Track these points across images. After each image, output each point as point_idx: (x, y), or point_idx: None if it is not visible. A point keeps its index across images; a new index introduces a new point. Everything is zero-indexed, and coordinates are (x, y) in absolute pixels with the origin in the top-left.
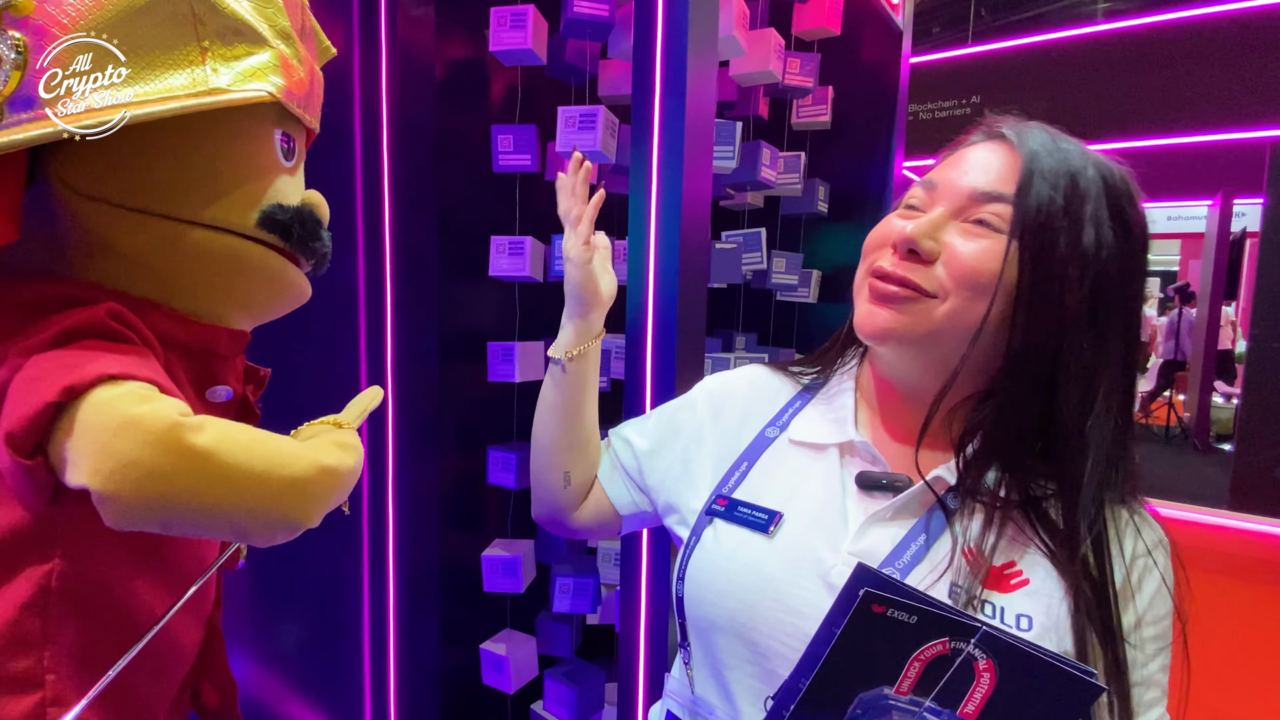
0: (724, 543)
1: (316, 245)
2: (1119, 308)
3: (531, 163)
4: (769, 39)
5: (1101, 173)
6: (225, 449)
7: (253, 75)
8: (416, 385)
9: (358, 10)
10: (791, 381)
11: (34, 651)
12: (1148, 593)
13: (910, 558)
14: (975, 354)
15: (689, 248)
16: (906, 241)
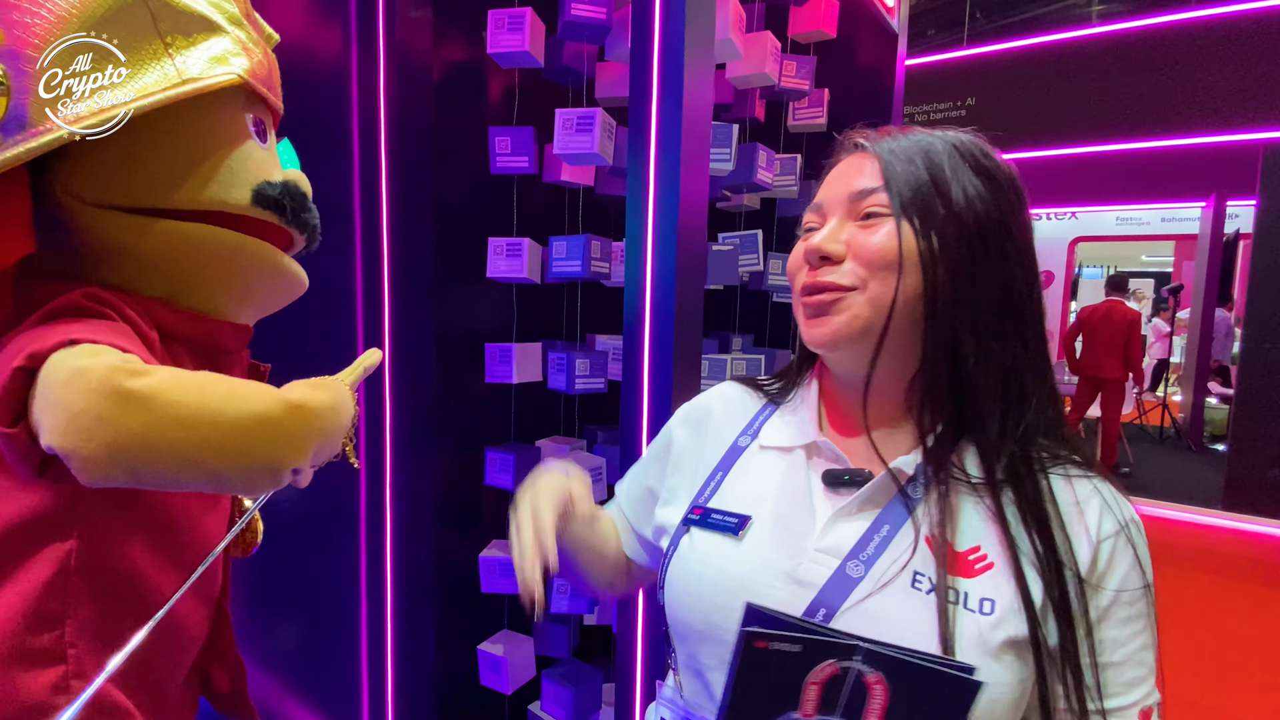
0: (698, 549)
1: (307, 216)
2: (1006, 247)
3: (529, 164)
4: (765, 42)
5: (949, 140)
6: (168, 389)
7: (218, 61)
8: (414, 386)
9: (355, 12)
10: (760, 395)
11: (56, 627)
12: (1120, 572)
13: (874, 549)
14: (907, 330)
15: (686, 249)
16: (815, 251)
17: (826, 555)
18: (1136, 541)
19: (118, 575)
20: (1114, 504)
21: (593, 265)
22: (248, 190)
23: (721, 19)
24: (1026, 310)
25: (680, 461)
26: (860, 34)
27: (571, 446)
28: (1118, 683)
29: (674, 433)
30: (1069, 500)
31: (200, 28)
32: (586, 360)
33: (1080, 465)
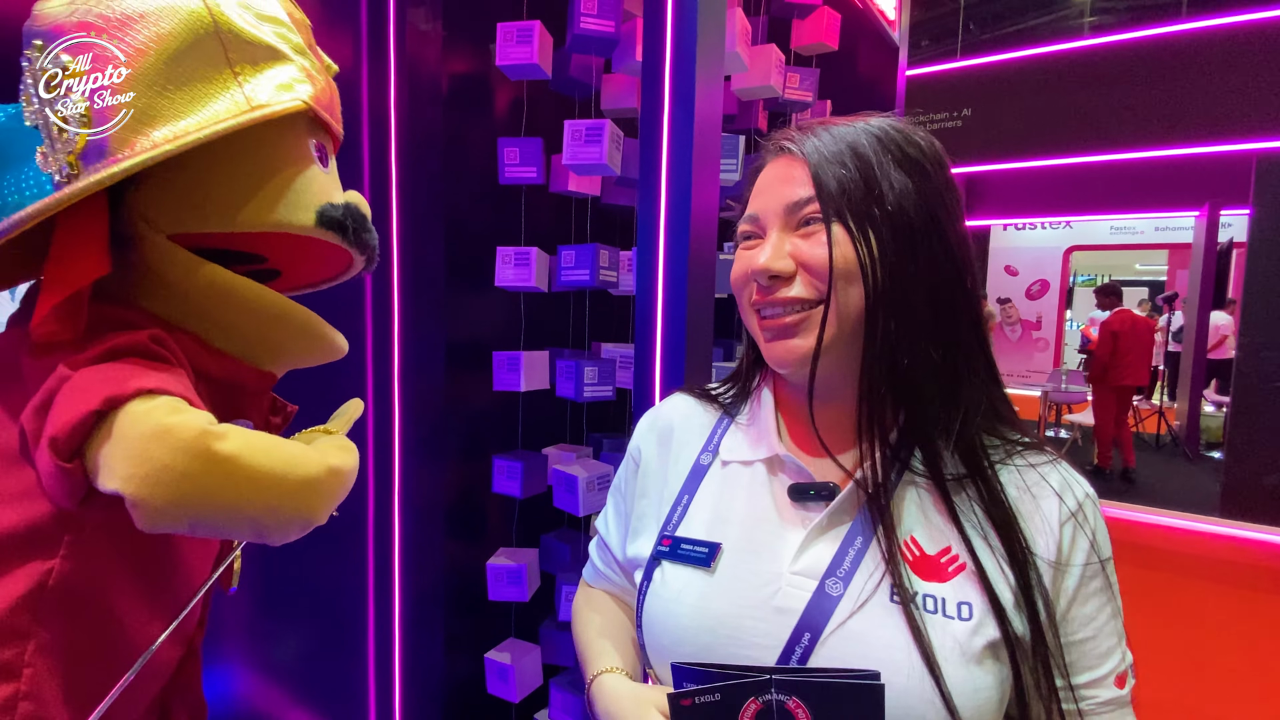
0: (670, 585)
1: (367, 237)
2: (936, 242)
3: (537, 175)
4: (770, 55)
5: (874, 134)
6: (247, 453)
7: (285, 88)
8: (423, 394)
9: (366, 25)
10: (715, 406)
11: (19, 644)
12: (1082, 550)
13: (850, 564)
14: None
15: (697, 258)
16: (763, 273)
17: (803, 578)
18: (1093, 517)
19: (91, 600)
20: (1070, 484)
21: (601, 274)
22: (312, 212)
23: (729, 32)
24: (959, 304)
25: (645, 483)
26: (861, 46)
27: (578, 454)
28: (1093, 655)
29: (641, 450)
30: (1025, 488)
31: (267, 57)
32: (595, 368)
33: (1033, 449)
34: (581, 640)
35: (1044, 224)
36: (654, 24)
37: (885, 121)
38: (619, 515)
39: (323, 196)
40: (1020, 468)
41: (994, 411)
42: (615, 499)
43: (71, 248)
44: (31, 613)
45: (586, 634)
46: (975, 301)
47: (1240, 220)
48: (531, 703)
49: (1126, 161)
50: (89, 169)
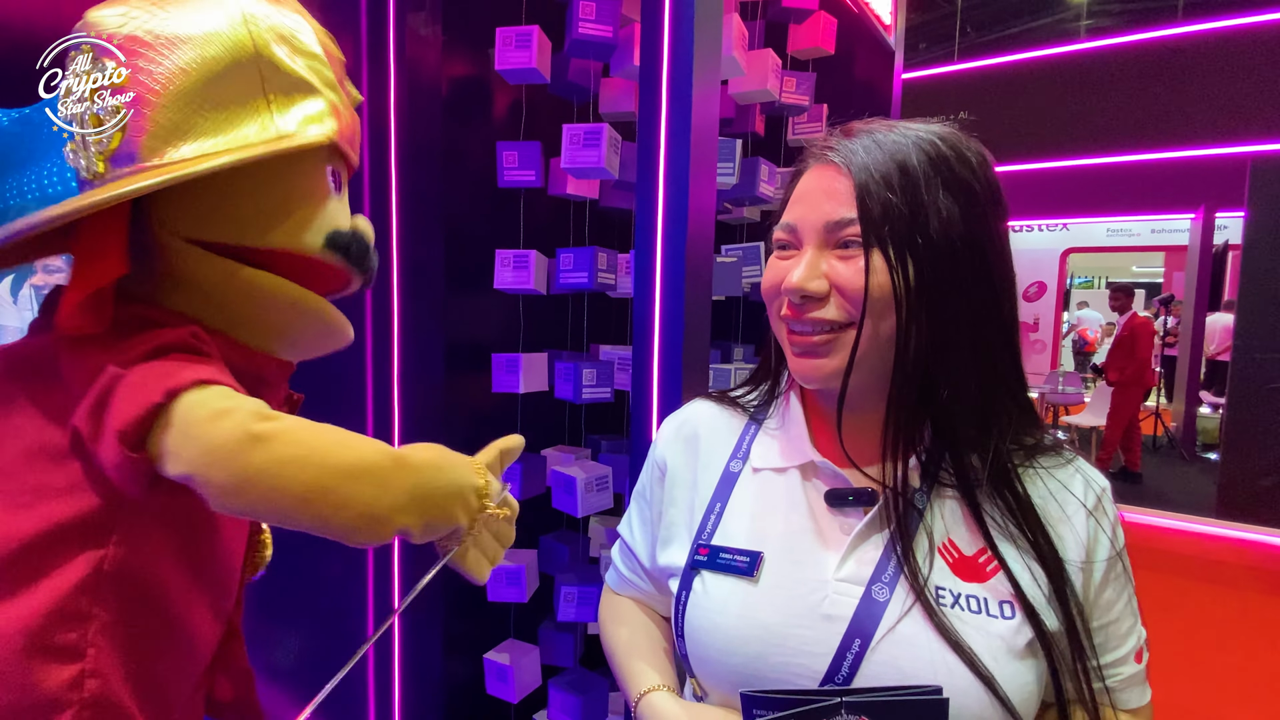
0: (713, 595)
1: (369, 262)
2: (980, 270)
3: (535, 178)
4: (767, 59)
5: (925, 150)
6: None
7: (312, 121)
8: (422, 396)
9: (366, 30)
10: (740, 411)
11: (81, 626)
12: (1105, 539)
13: (894, 569)
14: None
15: (694, 260)
16: (796, 292)
17: (849, 584)
18: (1110, 510)
19: (145, 583)
20: (1089, 483)
21: (599, 276)
22: (322, 236)
23: (726, 37)
24: (994, 330)
25: (674, 491)
26: (858, 51)
27: (577, 455)
28: (1117, 635)
29: (666, 458)
30: (1056, 487)
31: (299, 89)
32: (594, 370)
33: (1051, 451)
34: (615, 655)
35: (1041, 226)
36: (651, 29)
37: (935, 132)
38: (644, 522)
39: (333, 222)
40: (1043, 470)
41: (1022, 426)
42: (640, 505)
43: (95, 248)
44: (91, 596)
45: (619, 649)
46: (1012, 325)
47: (1235, 223)
48: (530, 703)
49: (1122, 164)
50: (116, 171)
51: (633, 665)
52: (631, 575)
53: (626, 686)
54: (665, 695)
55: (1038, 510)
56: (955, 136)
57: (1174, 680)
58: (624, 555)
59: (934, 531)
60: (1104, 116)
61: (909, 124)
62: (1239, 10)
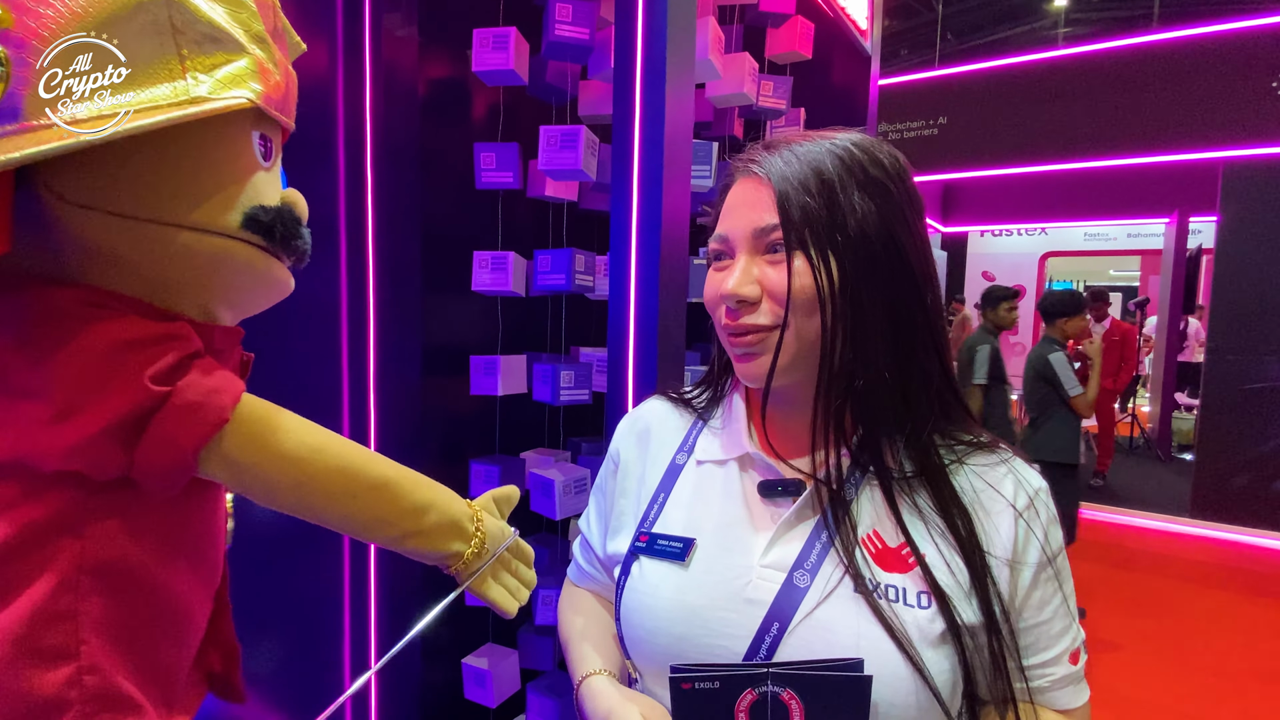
0: (648, 579)
1: (298, 243)
2: (897, 265)
3: (513, 180)
4: (743, 63)
5: (840, 156)
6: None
7: (232, 82)
8: (398, 398)
9: (342, 30)
10: (688, 411)
11: (67, 624)
12: (1038, 538)
13: (816, 557)
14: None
15: (669, 263)
16: (730, 298)
17: (773, 570)
18: (1044, 513)
19: (129, 570)
20: (1022, 482)
21: (577, 278)
22: (238, 213)
23: (701, 41)
24: (915, 320)
25: (625, 483)
26: (835, 56)
27: (556, 458)
28: (1047, 636)
29: (620, 452)
30: (984, 486)
31: (218, 44)
32: (571, 372)
33: (985, 449)
34: (568, 642)
35: (1020, 230)
36: (625, 32)
37: (849, 139)
38: (600, 515)
39: (255, 198)
40: (977, 468)
41: (945, 415)
42: (597, 498)
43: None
44: (74, 593)
45: (572, 637)
46: (934, 315)
47: (1209, 227)
48: (509, 708)
49: (1099, 169)
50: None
51: (581, 650)
52: (589, 568)
53: (573, 669)
54: (604, 679)
55: (967, 503)
56: (869, 142)
57: (1147, 675)
58: (583, 549)
59: (859, 522)
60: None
61: (826, 134)
62: (1211, 18)
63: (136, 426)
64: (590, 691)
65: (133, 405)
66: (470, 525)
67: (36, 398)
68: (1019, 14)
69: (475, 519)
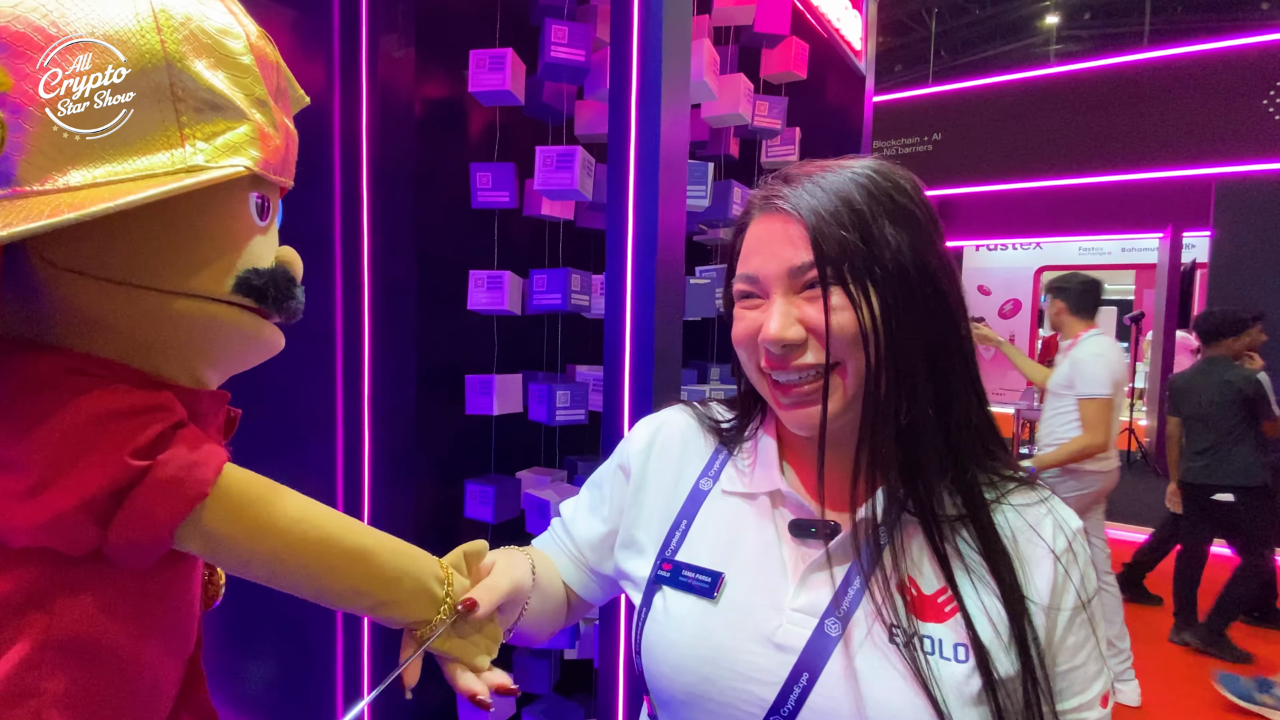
0: (673, 612)
1: (290, 304)
2: (930, 292)
3: (509, 199)
4: (739, 84)
5: (864, 185)
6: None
7: (230, 150)
8: (393, 418)
9: (339, 52)
10: (714, 432)
11: (32, 701)
12: (1075, 582)
13: (848, 604)
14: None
15: (665, 281)
16: (775, 343)
17: (803, 615)
18: (1081, 555)
19: (96, 644)
20: (1060, 524)
21: (573, 298)
22: (231, 279)
23: (697, 62)
24: (952, 350)
25: (641, 496)
26: (829, 75)
27: (552, 478)
28: (1080, 680)
29: (632, 460)
30: (1024, 527)
31: (219, 114)
32: (567, 391)
33: (1025, 486)
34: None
35: (1015, 245)
36: (620, 54)
37: (867, 166)
38: (593, 509)
39: (248, 261)
40: (1017, 508)
41: (986, 450)
42: (593, 493)
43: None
44: (38, 671)
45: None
46: (968, 344)
47: (1202, 242)
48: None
49: (1092, 185)
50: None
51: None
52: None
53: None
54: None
55: (1008, 545)
56: (885, 167)
57: (1148, 692)
58: (561, 531)
59: (895, 568)
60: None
61: (840, 162)
62: (1202, 36)
63: (112, 502)
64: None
65: (110, 481)
66: (440, 589)
67: (11, 470)
68: (1011, 31)
69: (446, 581)
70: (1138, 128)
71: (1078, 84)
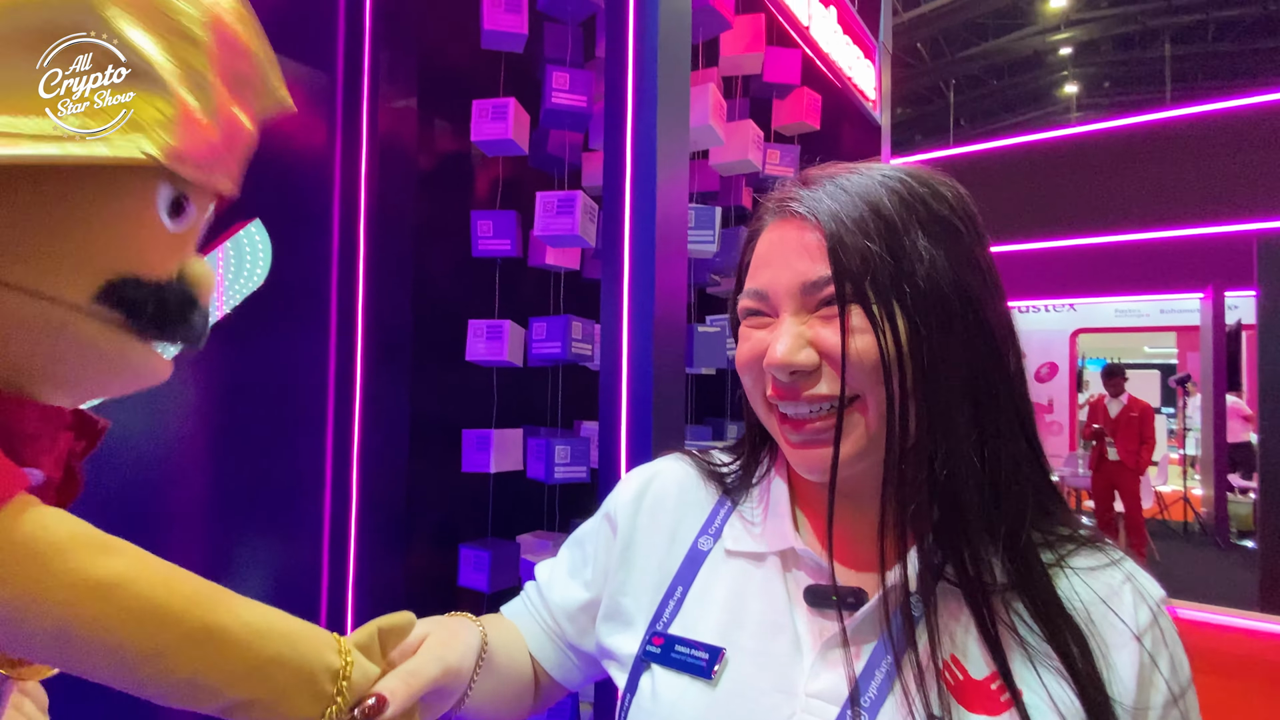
0: (662, 696)
1: (179, 327)
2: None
3: (511, 247)
4: (747, 130)
5: (896, 191)
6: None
7: (131, 127)
8: (384, 475)
9: (341, 101)
10: (714, 484)
11: None
12: (1162, 676)
13: (878, 690)
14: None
15: (664, 331)
16: (783, 369)
17: (822, 703)
18: (1171, 625)
19: None
20: (1144, 589)
21: (574, 346)
22: (98, 282)
23: (700, 107)
24: (998, 389)
25: (629, 556)
26: (844, 125)
27: (554, 543)
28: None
29: (619, 513)
30: (1094, 599)
31: (134, 77)
32: (567, 447)
33: (1089, 547)
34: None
35: (1048, 306)
36: (615, 100)
37: (904, 170)
38: (573, 570)
39: (132, 268)
40: (1083, 573)
41: (1042, 508)
42: (573, 553)
43: None
44: None
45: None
46: (1019, 383)
47: (1245, 301)
48: None
49: (1126, 243)
50: None
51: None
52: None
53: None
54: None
55: (1078, 618)
56: (925, 173)
57: None
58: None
59: (935, 645)
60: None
61: (871, 165)
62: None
63: None
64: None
65: None
66: (332, 685)
67: None
68: (1031, 100)
69: (341, 675)
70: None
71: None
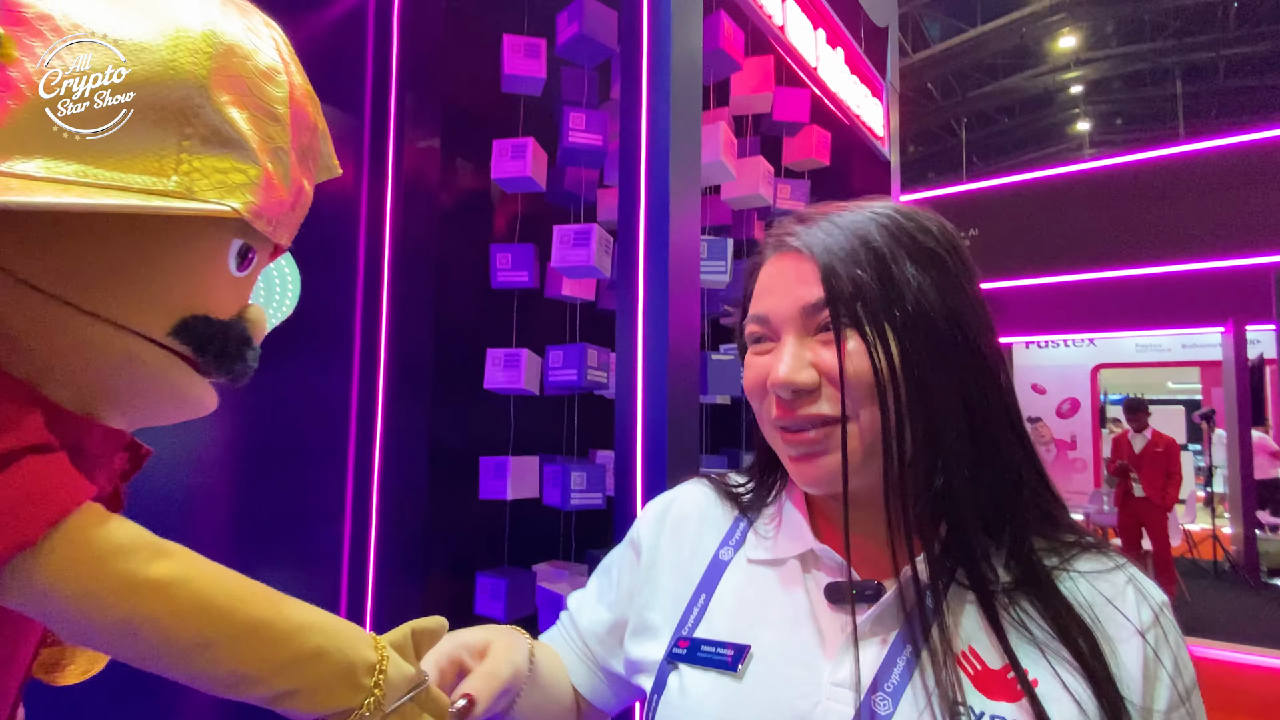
0: (690, 692)
1: (236, 366)
2: (960, 342)
3: (529, 279)
4: (758, 166)
5: (884, 225)
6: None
7: (225, 189)
8: (403, 502)
9: (368, 141)
10: (731, 504)
11: None
12: (1166, 675)
13: (899, 678)
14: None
15: (678, 360)
16: (785, 387)
17: (845, 690)
18: (1174, 626)
19: None
20: (1146, 591)
21: (590, 374)
22: (174, 319)
23: (712, 143)
24: (991, 405)
25: (654, 574)
26: (854, 161)
27: (570, 572)
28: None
29: (643, 536)
30: (1099, 599)
31: (226, 145)
32: (583, 474)
33: (1093, 551)
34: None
35: (1067, 341)
36: (629, 135)
37: (891, 207)
38: (601, 595)
39: (204, 308)
40: (1088, 575)
41: (1045, 516)
42: (601, 580)
43: None
44: None
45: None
46: (1010, 399)
47: (1266, 335)
48: None
49: (1143, 277)
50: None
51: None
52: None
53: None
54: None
55: (1083, 615)
56: (913, 209)
57: None
58: (560, 628)
59: (951, 638)
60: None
61: (863, 202)
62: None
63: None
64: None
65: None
66: (369, 678)
67: None
68: (1044, 137)
69: (378, 669)
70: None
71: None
